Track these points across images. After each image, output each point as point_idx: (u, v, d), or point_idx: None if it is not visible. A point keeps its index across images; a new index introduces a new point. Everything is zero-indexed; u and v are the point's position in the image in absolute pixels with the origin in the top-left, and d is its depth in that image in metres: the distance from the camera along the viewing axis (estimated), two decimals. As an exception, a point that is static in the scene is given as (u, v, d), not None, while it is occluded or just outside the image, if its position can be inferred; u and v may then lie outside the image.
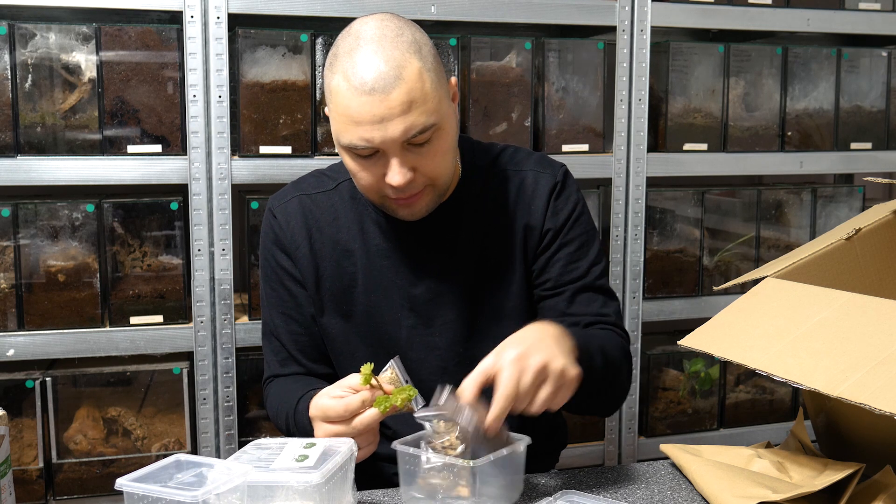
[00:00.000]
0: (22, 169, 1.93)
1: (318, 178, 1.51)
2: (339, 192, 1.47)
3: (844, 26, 2.46)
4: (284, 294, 1.48)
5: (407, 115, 1.24)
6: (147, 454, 2.09)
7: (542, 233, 1.45)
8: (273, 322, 1.50)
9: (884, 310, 1.15)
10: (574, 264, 1.45)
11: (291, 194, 1.49)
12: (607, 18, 2.25)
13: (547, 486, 1.26)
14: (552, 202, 1.45)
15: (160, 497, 0.98)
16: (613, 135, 2.30)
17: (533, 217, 1.44)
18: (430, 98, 1.26)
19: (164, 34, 2.00)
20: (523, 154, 1.51)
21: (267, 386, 1.52)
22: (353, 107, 1.24)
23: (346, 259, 1.44)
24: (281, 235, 1.47)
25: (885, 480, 1.13)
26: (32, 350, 1.98)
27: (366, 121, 1.24)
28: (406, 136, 1.25)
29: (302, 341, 1.48)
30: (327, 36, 2.09)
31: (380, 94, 1.23)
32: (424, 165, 1.30)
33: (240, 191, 2.22)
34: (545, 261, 1.45)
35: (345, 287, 1.45)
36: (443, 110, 1.29)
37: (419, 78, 1.25)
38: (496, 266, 1.44)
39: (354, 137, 1.26)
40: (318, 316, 1.47)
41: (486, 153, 1.50)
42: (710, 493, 1.17)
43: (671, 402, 2.50)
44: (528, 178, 1.46)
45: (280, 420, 1.43)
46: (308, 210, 1.46)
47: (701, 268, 2.45)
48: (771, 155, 2.46)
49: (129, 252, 2.04)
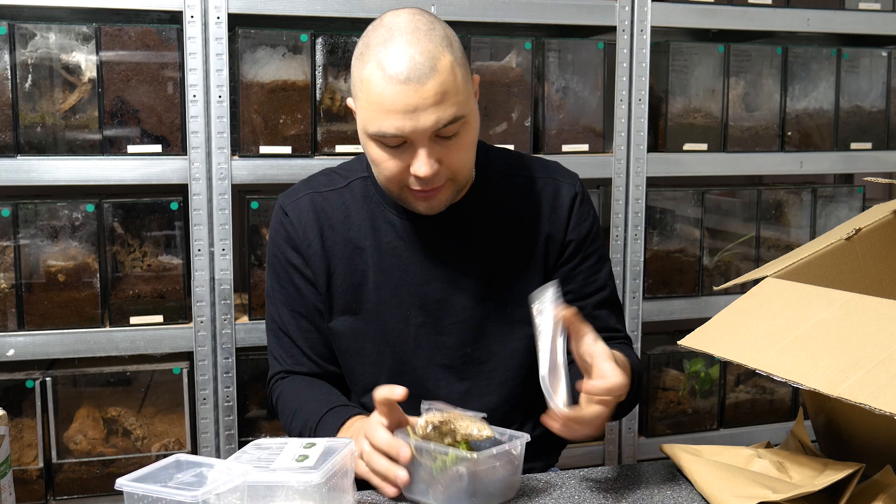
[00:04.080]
0: (22, 169, 1.93)
1: (329, 176, 1.51)
2: (350, 189, 1.48)
3: (844, 26, 2.46)
4: (294, 291, 1.48)
5: (439, 105, 1.25)
6: (147, 454, 2.09)
7: (565, 244, 1.47)
8: (282, 319, 1.49)
9: (884, 310, 1.15)
10: (594, 276, 1.49)
11: (303, 192, 1.49)
12: (607, 18, 2.25)
13: (547, 486, 1.26)
14: (574, 213, 1.48)
15: (160, 497, 0.98)
16: (613, 135, 2.30)
17: (555, 227, 1.47)
18: (461, 91, 1.28)
19: (164, 34, 2.00)
20: (539, 161, 1.54)
21: (276, 383, 1.51)
22: (387, 95, 1.25)
23: (357, 256, 1.45)
24: (292, 233, 1.47)
25: (885, 480, 1.13)
26: (32, 350, 1.98)
27: (398, 110, 1.25)
28: (436, 127, 1.26)
29: (312, 338, 1.48)
30: (327, 36, 2.09)
31: (415, 84, 1.24)
32: (449, 158, 1.31)
33: (240, 191, 2.22)
34: (567, 272, 1.48)
35: (356, 284, 1.45)
36: (470, 104, 1.32)
37: (451, 70, 1.27)
38: (511, 270, 1.46)
39: (385, 125, 1.27)
40: (326, 314, 1.47)
41: (500, 157, 1.52)
42: (710, 493, 1.17)
43: (671, 402, 2.50)
44: (547, 186, 1.48)
45: (292, 421, 1.43)
46: (320, 208, 1.46)
47: (701, 268, 2.45)
48: (771, 155, 2.46)
49: (129, 252, 2.04)
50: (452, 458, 1.14)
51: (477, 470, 1.14)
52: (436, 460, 1.15)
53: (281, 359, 1.50)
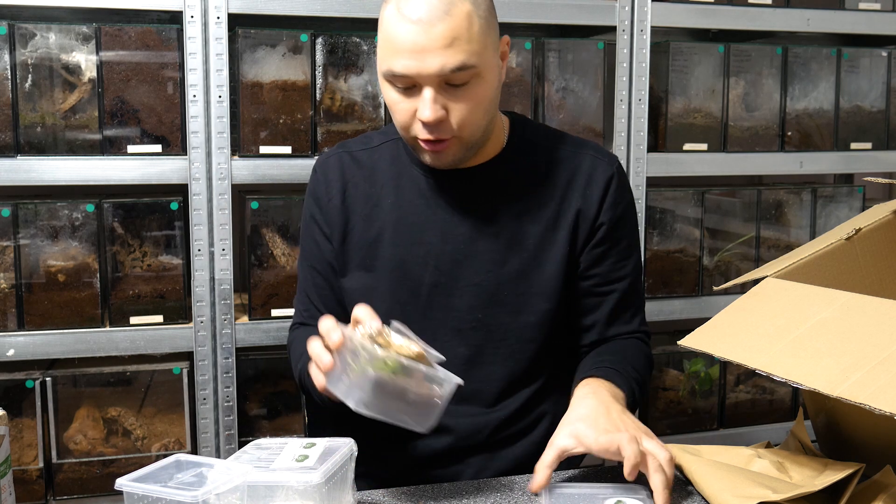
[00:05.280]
0: (22, 169, 1.93)
1: (367, 136, 1.54)
2: (380, 150, 1.49)
3: (844, 26, 2.46)
4: (314, 246, 1.50)
5: (447, 49, 1.25)
6: (147, 454, 2.09)
7: (596, 224, 1.44)
8: (303, 274, 1.53)
9: (884, 310, 1.15)
10: (623, 262, 1.47)
11: (334, 151, 1.52)
12: (607, 18, 2.25)
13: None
14: (609, 194, 1.45)
15: (160, 497, 0.98)
16: (613, 135, 2.30)
17: (587, 203, 1.44)
18: (475, 41, 1.27)
19: (164, 34, 2.00)
20: (578, 138, 1.52)
21: (292, 332, 1.55)
22: (398, 34, 1.26)
23: (375, 212, 1.45)
24: (317, 188, 1.50)
25: (885, 480, 1.13)
26: (32, 350, 1.98)
27: (407, 49, 1.26)
28: (442, 72, 1.26)
29: (325, 295, 1.50)
30: (327, 36, 2.09)
31: (425, 25, 1.25)
32: (456, 109, 1.30)
33: (240, 191, 2.22)
34: (597, 255, 1.45)
35: (371, 240, 1.45)
36: (486, 57, 1.30)
37: (467, 18, 1.26)
38: (535, 239, 1.43)
39: (395, 64, 1.27)
40: (341, 270, 1.48)
41: (538, 129, 1.51)
42: (710, 493, 1.17)
43: (671, 402, 2.50)
44: (584, 162, 1.46)
45: (297, 364, 1.45)
46: (346, 166, 1.48)
47: (701, 268, 2.45)
48: (771, 155, 2.46)
49: (129, 252, 2.04)
50: (364, 359, 1.10)
51: (383, 376, 1.10)
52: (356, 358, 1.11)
53: (299, 311, 1.55)
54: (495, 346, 1.43)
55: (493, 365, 1.44)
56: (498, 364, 1.44)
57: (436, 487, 1.25)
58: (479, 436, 1.43)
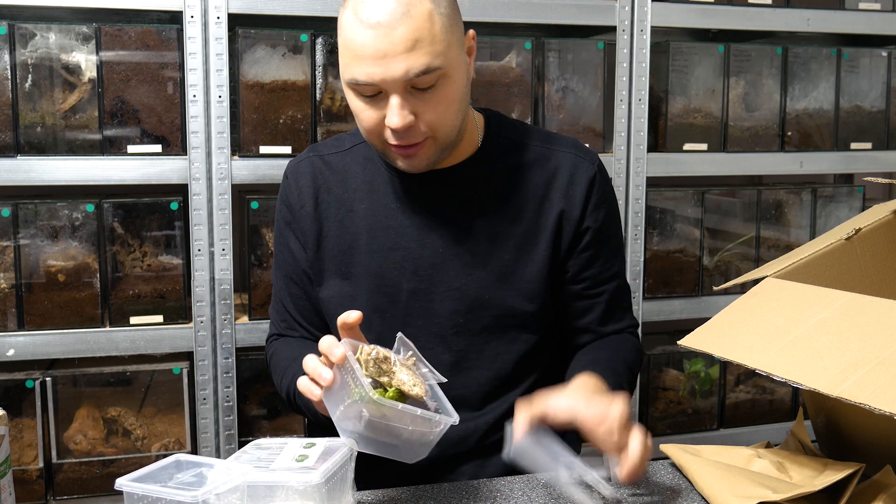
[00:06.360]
0: (22, 169, 1.93)
1: (338, 139, 1.50)
2: (353, 153, 1.45)
3: (844, 26, 2.46)
4: (288, 255, 1.47)
5: (410, 53, 1.20)
6: (147, 454, 2.09)
7: (582, 227, 1.41)
8: (278, 283, 1.50)
9: (884, 310, 1.15)
10: (611, 261, 1.45)
11: (305, 156, 1.49)
12: (607, 18, 2.25)
13: (546, 485, 1.26)
14: (593, 195, 1.42)
15: (160, 497, 0.98)
16: (613, 135, 2.30)
17: (570, 204, 1.40)
18: (439, 41, 1.22)
19: (164, 34, 2.00)
20: (557, 135, 1.48)
21: (271, 343, 1.52)
22: (358, 40, 1.22)
23: (350, 218, 1.42)
24: (289, 194, 1.46)
25: (885, 480, 1.13)
26: (32, 350, 1.98)
27: (368, 55, 1.21)
28: (408, 76, 1.21)
29: (302, 305, 1.47)
30: (327, 36, 2.09)
31: (384, 29, 1.20)
32: (426, 113, 1.26)
33: (240, 191, 2.22)
34: (587, 259, 1.43)
35: (346, 247, 1.42)
36: (452, 57, 1.25)
37: (428, 18, 1.22)
38: (516, 241, 1.40)
39: (357, 72, 1.23)
40: (317, 279, 1.44)
41: (514, 127, 1.46)
42: (710, 493, 1.17)
43: (671, 402, 2.50)
44: (565, 160, 1.42)
45: (282, 380, 1.41)
46: (318, 170, 1.45)
47: (701, 268, 2.45)
48: (771, 155, 2.46)
49: (129, 252, 2.04)
50: (361, 393, 1.07)
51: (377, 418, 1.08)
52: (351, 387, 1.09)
53: (276, 322, 1.51)
54: (479, 351, 1.41)
55: (477, 369, 1.41)
56: (483, 368, 1.41)
57: (435, 487, 1.26)
58: (469, 442, 1.41)
